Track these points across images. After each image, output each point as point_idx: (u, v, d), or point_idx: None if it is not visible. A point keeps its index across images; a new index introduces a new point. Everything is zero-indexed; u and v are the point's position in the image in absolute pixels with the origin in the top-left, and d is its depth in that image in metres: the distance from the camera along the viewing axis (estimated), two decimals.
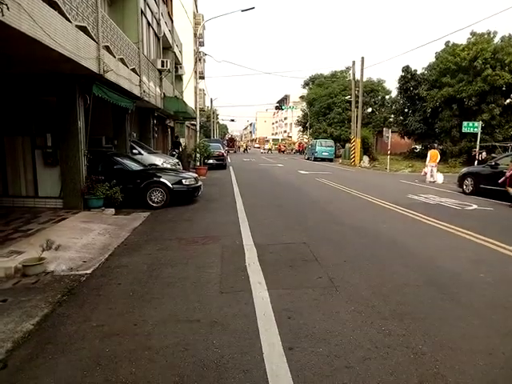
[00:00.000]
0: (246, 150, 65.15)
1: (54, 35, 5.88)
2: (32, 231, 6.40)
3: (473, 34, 25.22)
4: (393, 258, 5.31)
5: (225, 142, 51.53)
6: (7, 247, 5.41)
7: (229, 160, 30.66)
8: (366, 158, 28.96)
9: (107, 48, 8.64)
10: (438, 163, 17.24)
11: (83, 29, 7.23)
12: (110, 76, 8.56)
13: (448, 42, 26.81)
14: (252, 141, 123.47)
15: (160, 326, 3.30)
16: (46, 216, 7.64)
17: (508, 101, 24.11)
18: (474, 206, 9.94)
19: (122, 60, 9.88)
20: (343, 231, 6.99)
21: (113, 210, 8.45)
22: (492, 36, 24.61)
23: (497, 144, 19.88)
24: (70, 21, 6.59)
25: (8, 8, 4.63)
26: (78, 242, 5.99)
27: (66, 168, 8.37)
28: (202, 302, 3.77)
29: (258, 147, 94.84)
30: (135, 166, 9.70)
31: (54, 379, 2.59)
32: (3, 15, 4.57)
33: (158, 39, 16.20)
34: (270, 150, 63.27)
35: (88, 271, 4.77)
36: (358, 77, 29.27)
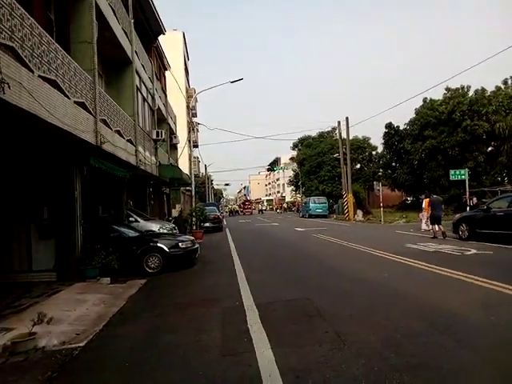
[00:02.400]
0: (261, 211, 63.98)
1: (54, 111, 6.21)
2: (23, 306, 6.17)
3: (448, 89, 26.97)
4: (399, 308, 5.13)
5: (234, 205, 52.40)
6: None
7: (225, 222, 30.68)
8: (359, 212, 29.16)
9: (104, 121, 9.06)
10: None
11: (81, 104, 7.66)
12: (106, 147, 8.87)
13: (425, 98, 28.57)
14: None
15: None
16: (40, 290, 7.39)
17: (490, 148, 25.08)
18: (473, 251, 9.85)
19: (118, 132, 10.31)
20: (345, 284, 6.81)
21: (108, 278, 8.23)
22: (466, 90, 26.30)
23: (486, 189, 20.26)
24: (68, 97, 7.00)
25: (9, 87, 4.94)
26: (72, 314, 5.76)
27: (62, 239, 8.31)
28: (203, 368, 3.54)
29: (254, 208, 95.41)
30: (132, 233, 9.66)
31: None
32: (4, 93, 4.85)
33: (153, 112, 17.05)
34: (261, 210, 63.77)
35: (81, 344, 4.53)
36: (344, 135, 30.55)
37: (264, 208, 65.23)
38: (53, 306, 6.14)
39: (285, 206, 62.96)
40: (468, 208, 17.52)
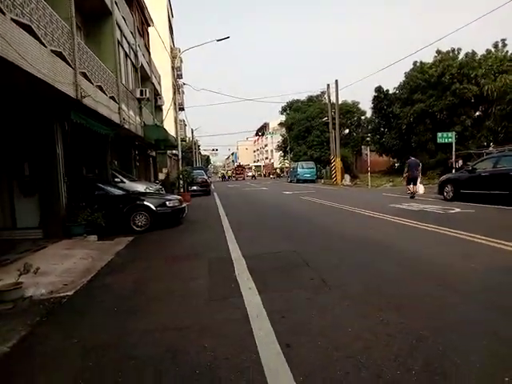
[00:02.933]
0: (254, 176, 62.34)
1: (30, 58, 5.85)
2: (9, 261, 6.10)
3: (438, 52, 26.54)
4: (382, 258, 5.24)
5: (227, 170, 51.60)
6: None
7: (213, 187, 30.62)
8: (347, 177, 29.40)
9: (84, 74, 8.65)
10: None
11: (59, 54, 7.25)
12: (88, 102, 8.53)
13: (416, 61, 28.13)
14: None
15: (147, 336, 3.10)
16: (25, 246, 7.30)
17: (478, 113, 25.14)
18: (457, 210, 10.07)
19: (100, 87, 9.90)
20: (332, 239, 6.92)
21: (95, 236, 8.18)
22: (457, 53, 25.94)
23: (472, 151, 20.49)
24: (45, 45, 6.60)
25: None
26: (59, 267, 5.73)
27: (46, 197, 8.13)
28: (190, 311, 3.59)
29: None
30: (117, 192, 9.52)
31: None
32: None
33: (136, 70, 16.39)
34: (253, 176, 62.98)
35: (69, 293, 4.52)
36: (333, 99, 30.15)
37: (256, 174, 64.31)
38: (39, 259, 6.08)
39: (278, 171, 62.65)
40: (454, 171, 17.76)
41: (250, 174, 66.08)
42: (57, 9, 7.77)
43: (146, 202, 9.02)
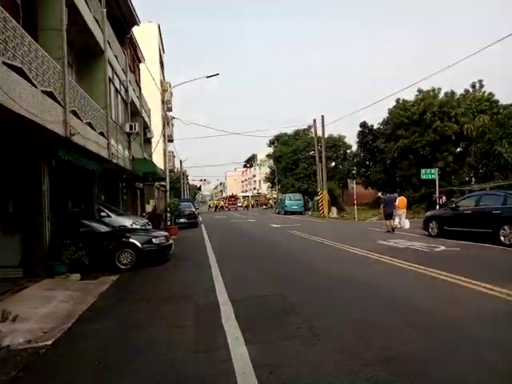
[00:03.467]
0: (246, 207, 61.71)
1: (19, 99, 5.91)
2: None
3: (419, 91, 27.76)
4: (370, 303, 5.23)
5: (219, 200, 50.74)
6: None
7: (200, 219, 30.43)
8: (334, 209, 29.64)
9: (74, 112, 8.73)
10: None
11: (49, 94, 7.34)
12: (77, 139, 8.56)
13: (398, 99, 29.27)
14: (223, 199, 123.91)
15: None
16: (4, 287, 7.03)
17: (459, 149, 26.03)
18: (442, 248, 10.19)
19: (89, 124, 9.97)
20: (318, 280, 6.89)
21: (78, 275, 7.97)
22: (437, 92, 27.16)
23: (455, 188, 21.03)
24: (35, 86, 6.69)
25: None
26: (39, 311, 5.53)
27: (28, 234, 7.96)
28: (176, 365, 3.48)
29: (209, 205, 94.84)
30: (103, 228, 9.39)
31: None
32: None
33: (126, 105, 16.61)
34: (246, 207, 62.39)
35: (48, 342, 4.34)
36: (319, 133, 30.89)
37: (250, 204, 63.52)
38: (18, 303, 5.87)
39: (271, 202, 62.46)
40: (438, 206, 18.13)
41: (239, 204, 65.45)
42: (49, 49, 7.94)
43: (131, 240, 8.89)
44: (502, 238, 10.03)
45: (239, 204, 64.20)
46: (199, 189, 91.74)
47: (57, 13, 8.43)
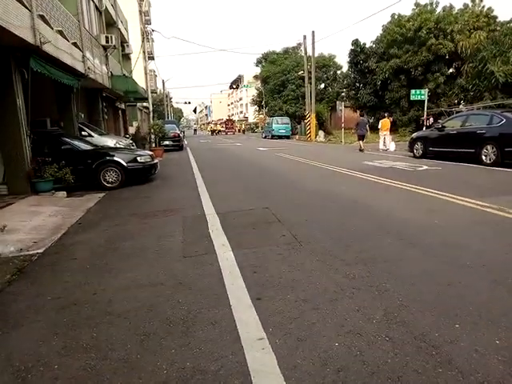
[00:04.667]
0: (244, 131, 60.80)
1: None
2: None
3: (417, 4, 25.96)
4: (352, 214, 5.44)
5: (217, 124, 49.47)
6: None
7: (185, 142, 30.02)
8: (321, 133, 29.46)
9: (42, 17, 7.96)
10: (390, 132, 17.86)
11: None
12: (48, 48, 7.94)
13: (394, 13, 27.43)
14: (208, 123, 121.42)
15: (121, 293, 3.15)
16: None
17: (451, 70, 25.25)
18: (425, 167, 10.41)
19: (60, 32, 9.18)
20: (303, 196, 7.06)
21: (64, 192, 7.98)
22: (435, 6, 25.46)
23: (443, 109, 20.84)
24: None
25: None
26: (27, 224, 5.60)
27: (8, 150, 7.75)
28: (164, 268, 3.65)
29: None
30: (85, 146, 9.18)
31: (5, 354, 2.39)
32: None
33: (100, 13, 15.19)
34: (244, 130, 61.51)
35: (40, 250, 4.47)
36: (309, 52, 29.39)
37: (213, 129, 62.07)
38: (6, 216, 5.91)
39: (251, 126, 61.47)
40: (424, 128, 18.11)
41: (237, 128, 63.80)
42: None
43: (116, 158, 8.77)
44: (484, 158, 10.25)
45: (236, 128, 63.12)
46: (180, 113, 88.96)
47: None
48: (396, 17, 26.84)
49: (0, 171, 7.86)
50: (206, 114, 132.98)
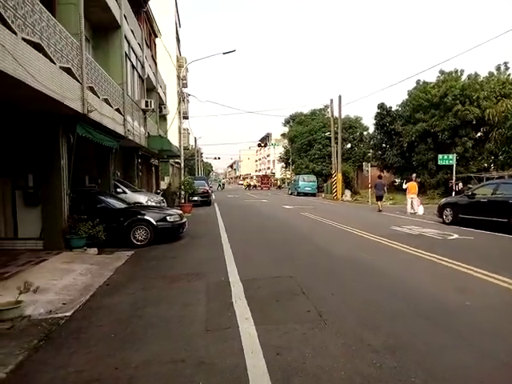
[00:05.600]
0: (279, 186, 60.52)
1: (38, 76, 5.97)
2: (9, 274, 6.15)
3: (441, 72, 26.82)
4: (380, 289, 5.29)
5: (252, 179, 50.65)
6: None
7: (213, 197, 30.69)
8: (347, 192, 29.45)
9: (91, 89, 8.79)
10: (418, 195, 17.69)
11: (67, 70, 7.39)
12: (93, 115, 8.65)
13: (419, 80, 28.39)
14: (236, 178, 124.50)
15: (143, 369, 3.14)
16: (25, 258, 7.36)
17: (479, 134, 25.28)
18: (455, 236, 10.11)
19: (106, 100, 10.04)
20: (329, 264, 6.96)
21: (95, 249, 8.25)
22: (459, 74, 26.21)
23: (472, 175, 20.57)
24: (54, 62, 6.73)
25: None
26: (58, 283, 5.78)
27: (48, 208, 8.21)
28: (187, 342, 3.63)
29: (242, 184, 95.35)
30: (119, 205, 9.60)
31: None
32: None
33: (143, 81, 16.60)
34: (280, 186, 61.83)
35: (67, 313, 4.57)
36: (336, 114, 30.38)
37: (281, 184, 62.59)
38: (39, 274, 6.14)
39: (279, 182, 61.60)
40: (454, 193, 17.83)
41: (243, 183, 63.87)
42: (66, 24, 7.95)
43: (146, 217, 9.08)
44: None
45: (272, 183, 63.25)
46: (210, 168, 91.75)
47: None
48: (421, 83, 27.72)
49: (38, 227, 8.28)
50: (235, 169, 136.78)
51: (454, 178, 19.11)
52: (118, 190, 12.71)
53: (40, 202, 8.24)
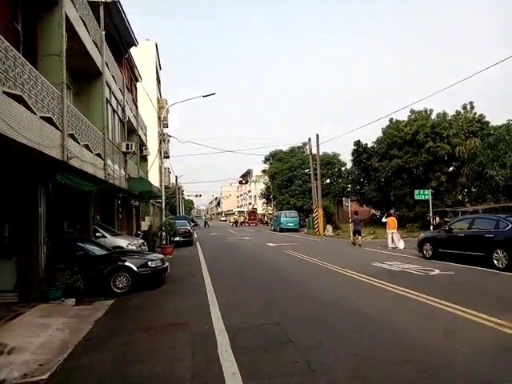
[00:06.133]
0: (267, 222, 58.32)
1: (18, 127, 5.97)
2: None
3: (412, 111, 28.31)
4: (366, 334, 5.25)
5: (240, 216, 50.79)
6: None
7: (195, 235, 30.32)
8: (329, 227, 29.71)
9: (72, 136, 8.81)
10: (397, 229, 18.07)
11: (48, 119, 7.42)
12: (74, 162, 8.62)
13: (391, 118, 29.75)
14: (218, 214, 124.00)
15: None
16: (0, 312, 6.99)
17: (451, 169, 26.40)
18: (437, 271, 10.26)
19: (86, 146, 10.04)
20: (315, 307, 6.91)
21: (73, 300, 7.92)
22: (429, 113, 27.69)
23: (448, 209, 21.22)
24: (34, 113, 6.77)
25: None
26: (34, 341, 5.48)
27: (24, 259, 7.91)
28: None
29: (225, 220, 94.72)
30: (98, 251, 9.37)
31: None
32: None
33: (123, 124, 16.75)
34: (236, 222, 61.87)
35: (44, 376, 4.30)
36: (314, 152, 31.22)
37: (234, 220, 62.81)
38: (14, 331, 5.84)
39: (265, 218, 61.08)
40: (431, 227, 18.31)
41: (232, 219, 64.64)
42: (48, 74, 8.08)
43: (127, 263, 8.87)
44: (496, 262, 10.13)
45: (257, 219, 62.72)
46: (191, 205, 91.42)
47: (56, 38, 8.58)
48: (394, 121, 29.05)
49: (12, 279, 7.93)
50: (217, 205, 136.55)
51: (431, 212, 19.68)
52: (98, 234, 12.46)
53: (15, 254, 7.94)
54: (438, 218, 19.79)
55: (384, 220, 18.58)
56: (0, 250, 7.96)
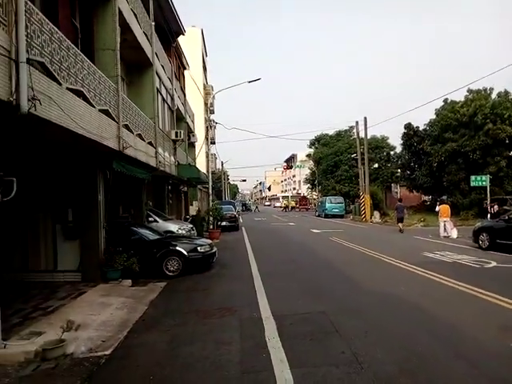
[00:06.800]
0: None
1: (80, 121, 6.40)
2: (51, 309, 6.43)
3: (469, 91, 26.35)
4: (415, 327, 5.17)
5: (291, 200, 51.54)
6: (27, 327, 5.43)
7: (241, 220, 30.88)
8: (376, 214, 28.89)
9: (126, 126, 9.27)
10: (450, 216, 17.17)
11: (105, 111, 7.87)
12: (128, 151, 9.09)
13: (446, 99, 27.93)
14: (262, 199, 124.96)
15: None
16: (65, 291, 7.68)
17: None
18: (493, 263, 9.71)
19: (139, 135, 10.53)
20: (361, 297, 6.86)
21: (130, 281, 8.49)
22: (489, 92, 25.64)
23: (507, 197, 19.80)
24: (93, 106, 7.21)
25: (41, 103, 5.14)
26: (97, 318, 5.99)
27: (86, 241, 8.58)
28: None
29: (269, 205, 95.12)
30: (151, 236, 9.90)
31: None
32: (36, 109, 5.06)
33: (172, 112, 17.27)
34: (286, 207, 61.51)
35: (107, 352, 4.72)
36: (362, 135, 30.25)
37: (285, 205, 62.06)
38: (79, 308, 6.41)
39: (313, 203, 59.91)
40: (489, 215, 17.21)
41: (277, 204, 64.22)
42: (104, 68, 8.52)
43: (178, 248, 9.30)
44: None
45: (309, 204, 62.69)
46: (236, 189, 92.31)
47: (110, 33, 8.98)
48: (449, 102, 27.26)
49: (76, 260, 8.65)
50: (261, 190, 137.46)
51: (488, 199, 18.48)
52: (150, 219, 13.11)
53: (79, 236, 8.63)
54: (496, 206, 18.55)
55: (437, 209, 17.55)
56: (66, 233, 8.67)
